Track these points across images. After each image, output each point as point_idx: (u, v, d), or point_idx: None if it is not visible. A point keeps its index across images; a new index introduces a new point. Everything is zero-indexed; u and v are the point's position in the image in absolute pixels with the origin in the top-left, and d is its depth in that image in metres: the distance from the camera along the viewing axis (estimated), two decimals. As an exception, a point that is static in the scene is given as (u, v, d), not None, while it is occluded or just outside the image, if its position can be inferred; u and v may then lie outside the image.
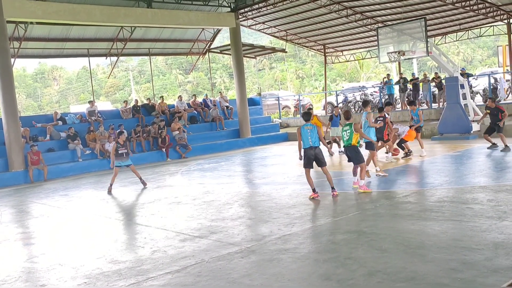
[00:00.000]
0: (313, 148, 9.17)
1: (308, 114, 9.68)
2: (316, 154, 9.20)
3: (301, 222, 7.53)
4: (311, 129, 9.19)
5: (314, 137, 9.16)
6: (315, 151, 9.19)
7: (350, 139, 9.63)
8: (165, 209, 9.78)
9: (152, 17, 19.89)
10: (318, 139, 9.22)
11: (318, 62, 58.75)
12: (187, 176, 14.73)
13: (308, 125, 9.28)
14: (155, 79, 58.30)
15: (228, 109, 24.50)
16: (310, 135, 9.16)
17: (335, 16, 23.76)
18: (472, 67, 54.45)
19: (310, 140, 9.15)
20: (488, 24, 23.21)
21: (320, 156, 9.24)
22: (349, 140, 9.66)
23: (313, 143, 9.16)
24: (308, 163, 9.31)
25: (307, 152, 9.22)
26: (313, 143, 9.16)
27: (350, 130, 9.60)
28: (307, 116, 9.57)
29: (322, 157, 9.29)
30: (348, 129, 9.66)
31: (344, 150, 9.92)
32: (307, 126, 9.27)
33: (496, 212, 7.03)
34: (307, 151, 9.22)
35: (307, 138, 9.17)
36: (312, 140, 9.15)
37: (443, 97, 20.10)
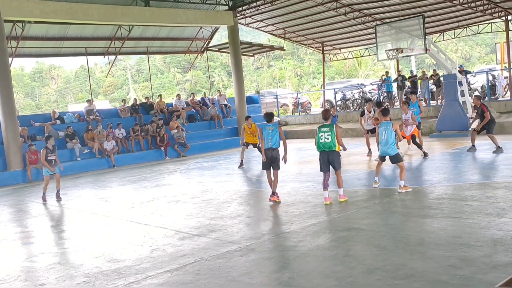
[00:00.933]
0: (271, 149, 9.10)
1: (270, 115, 9.49)
2: (273, 155, 9.11)
3: (300, 220, 7.53)
4: (273, 130, 9.12)
5: (275, 138, 9.09)
6: (272, 153, 9.11)
7: (332, 142, 8.43)
8: (164, 208, 9.78)
9: (150, 15, 19.86)
10: (279, 141, 9.10)
11: (316, 60, 58.73)
12: (186, 174, 14.73)
13: (269, 126, 9.20)
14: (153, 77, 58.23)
15: (227, 107, 24.48)
16: (271, 136, 9.09)
17: (333, 13, 23.75)
18: (470, 64, 54.47)
19: (270, 140, 9.08)
20: (486, 21, 23.22)
21: (275, 158, 9.12)
22: (331, 143, 8.43)
23: (273, 144, 9.08)
24: (266, 164, 9.22)
25: (266, 153, 9.13)
26: (273, 144, 9.09)
27: (331, 132, 8.41)
28: (269, 117, 9.40)
29: (278, 160, 9.17)
30: (328, 131, 8.44)
31: (323, 154, 8.62)
32: (268, 126, 9.19)
33: (494, 209, 7.04)
34: (267, 151, 9.12)
35: (268, 139, 9.10)
36: (273, 141, 9.09)
37: (441, 94, 20.12)
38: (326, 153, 8.51)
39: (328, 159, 8.52)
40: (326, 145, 8.45)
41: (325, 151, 8.51)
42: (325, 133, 8.44)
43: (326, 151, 8.49)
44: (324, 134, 8.46)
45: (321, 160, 8.64)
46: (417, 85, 22.17)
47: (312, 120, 25.15)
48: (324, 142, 8.45)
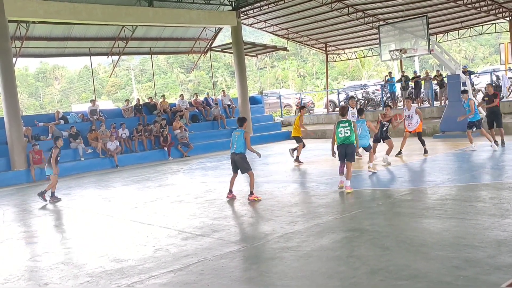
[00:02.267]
0: (234, 154, 9.48)
1: (241, 120, 9.73)
2: (235, 159, 9.49)
3: (303, 220, 7.52)
4: (239, 135, 9.38)
5: (238, 144, 9.36)
6: (235, 157, 9.47)
7: (351, 136, 9.34)
8: (167, 208, 9.79)
9: (153, 16, 19.89)
10: (243, 146, 9.37)
11: (319, 61, 58.69)
12: (189, 174, 14.74)
13: (237, 131, 9.50)
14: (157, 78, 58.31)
15: (230, 107, 24.49)
16: (236, 141, 9.40)
17: (336, 14, 23.73)
18: (474, 65, 54.33)
19: (234, 146, 9.43)
20: (490, 22, 23.16)
21: (239, 163, 9.48)
22: (350, 137, 9.34)
23: (236, 149, 9.42)
24: (232, 167, 9.71)
25: (231, 156, 9.60)
26: (236, 149, 9.42)
27: (350, 127, 9.34)
28: (240, 121, 9.67)
29: (241, 164, 9.50)
30: (347, 126, 9.36)
31: (341, 147, 9.45)
32: (236, 131, 9.52)
33: (498, 210, 7.02)
34: (231, 155, 9.59)
35: (232, 144, 9.49)
36: (237, 146, 9.41)
37: (444, 95, 20.08)
38: (344, 146, 9.36)
39: (345, 151, 9.37)
40: (346, 139, 9.33)
41: (343, 144, 9.38)
42: (344, 128, 9.34)
43: (345, 144, 9.36)
44: (343, 129, 9.34)
45: (339, 152, 9.55)
46: (421, 86, 22.13)
47: (316, 120, 25.12)
48: (344, 137, 9.33)
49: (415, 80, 22.39)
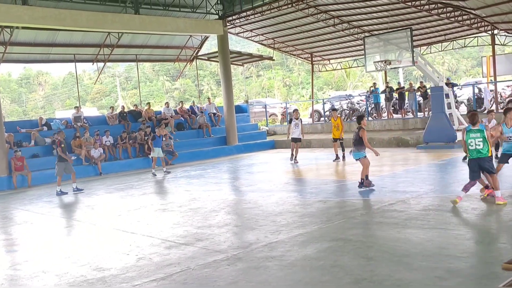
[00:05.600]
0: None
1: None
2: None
3: (288, 230, 7.52)
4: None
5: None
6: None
7: (485, 148, 7.92)
8: (151, 216, 9.71)
9: (139, 23, 19.83)
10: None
11: (305, 70, 59.05)
12: (174, 183, 14.66)
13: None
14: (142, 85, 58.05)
15: (216, 116, 24.47)
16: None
17: (322, 25, 23.93)
18: (457, 77, 55.13)
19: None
20: (472, 35, 23.55)
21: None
22: (484, 149, 7.91)
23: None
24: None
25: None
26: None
27: (482, 136, 7.90)
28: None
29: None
30: (478, 137, 7.91)
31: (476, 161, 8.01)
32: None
33: (480, 221, 7.11)
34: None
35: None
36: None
37: (428, 106, 20.32)
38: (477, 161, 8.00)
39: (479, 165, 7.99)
40: (479, 152, 7.92)
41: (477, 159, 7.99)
42: (475, 140, 7.89)
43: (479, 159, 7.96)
44: (474, 140, 7.90)
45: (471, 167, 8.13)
46: (405, 97, 22.38)
47: (301, 130, 25.16)
48: (476, 150, 7.93)
49: (399, 91, 22.63)
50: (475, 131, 7.94)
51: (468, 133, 8.00)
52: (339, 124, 15.99)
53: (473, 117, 8.12)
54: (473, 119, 8.08)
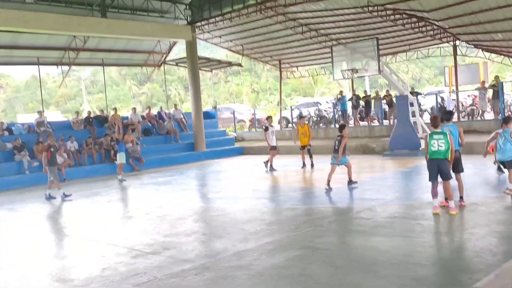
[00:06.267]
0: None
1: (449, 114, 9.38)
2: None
3: (256, 238, 7.51)
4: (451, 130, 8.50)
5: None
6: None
7: (447, 150, 8.10)
8: (117, 224, 9.54)
9: (106, 27, 19.52)
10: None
11: (273, 77, 59.32)
12: (140, 189, 14.45)
13: (449, 126, 8.72)
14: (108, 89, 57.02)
15: (183, 122, 24.29)
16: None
17: (290, 32, 24.10)
18: (420, 85, 56.47)
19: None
20: (435, 45, 24.18)
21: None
22: (445, 151, 8.09)
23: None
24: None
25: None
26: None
27: (445, 139, 8.11)
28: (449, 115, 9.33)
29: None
30: (441, 139, 8.10)
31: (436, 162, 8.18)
32: (448, 126, 8.71)
33: (443, 228, 7.27)
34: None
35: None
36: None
37: (393, 114, 20.71)
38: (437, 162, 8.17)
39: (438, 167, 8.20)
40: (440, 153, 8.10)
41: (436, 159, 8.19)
42: (438, 141, 8.06)
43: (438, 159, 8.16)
44: (437, 142, 8.08)
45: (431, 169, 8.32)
46: (371, 105, 22.76)
47: (269, 136, 25.24)
48: (438, 150, 8.09)
49: (366, 99, 23.01)
50: (438, 133, 8.21)
51: (431, 136, 8.23)
52: (306, 131, 16.08)
53: (435, 120, 8.52)
54: (435, 122, 8.44)
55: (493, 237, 6.58)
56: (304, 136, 15.96)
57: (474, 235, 6.74)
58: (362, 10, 19.24)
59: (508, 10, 16.68)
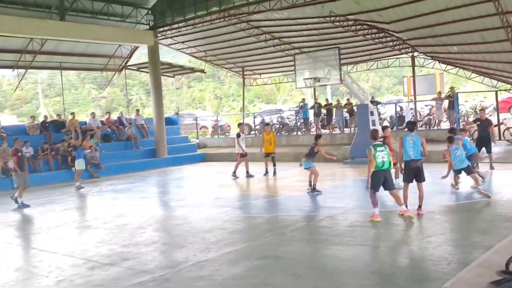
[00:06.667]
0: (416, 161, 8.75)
1: (413, 124, 9.66)
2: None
3: (218, 247, 7.43)
4: (415, 141, 8.76)
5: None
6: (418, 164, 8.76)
7: (390, 161, 8.60)
8: (73, 234, 9.26)
9: (65, 30, 19.04)
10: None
11: (236, 83, 59.39)
12: (99, 197, 14.10)
13: (412, 136, 8.89)
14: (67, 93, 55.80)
15: (144, 127, 23.91)
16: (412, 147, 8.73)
17: (254, 40, 24.19)
18: (380, 94, 57.74)
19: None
20: (394, 56, 24.78)
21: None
22: (389, 162, 8.55)
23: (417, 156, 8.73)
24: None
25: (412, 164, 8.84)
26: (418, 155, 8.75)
27: (386, 150, 8.57)
28: (413, 125, 9.54)
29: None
30: (383, 150, 8.52)
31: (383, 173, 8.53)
32: (411, 136, 8.88)
33: (403, 237, 7.40)
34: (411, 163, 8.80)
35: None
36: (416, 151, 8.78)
37: (354, 122, 21.07)
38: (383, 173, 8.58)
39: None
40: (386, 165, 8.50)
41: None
42: (381, 153, 8.44)
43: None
44: (381, 154, 8.44)
45: (378, 180, 8.57)
46: (332, 113, 23.07)
47: (232, 143, 25.17)
48: (382, 162, 8.46)
49: (327, 107, 23.32)
50: (380, 145, 8.57)
51: (375, 148, 8.49)
52: (271, 138, 16.06)
53: (373, 133, 8.99)
54: (374, 135, 8.88)
55: (449, 246, 6.74)
56: (269, 143, 15.93)
57: (431, 244, 6.88)
58: (324, 20, 19.52)
59: (463, 24, 17.31)
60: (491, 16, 16.13)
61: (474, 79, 23.02)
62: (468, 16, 16.80)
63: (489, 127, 14.07)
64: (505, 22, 15.98)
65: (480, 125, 14.08)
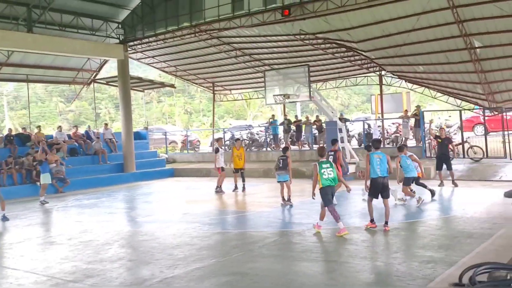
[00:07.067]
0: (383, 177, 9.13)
1: (379, 141, 10.17)
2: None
3: (185, 264, 7.35)
4: (381, 158, 9.11)
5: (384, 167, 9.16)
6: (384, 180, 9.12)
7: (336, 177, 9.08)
8: (36, 250, 9.01)
9: (32, 42, 18.72)
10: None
11: (206, 98, 59.36)
12: (64, 212, 13.78)
13: (378, 153, 9.27)
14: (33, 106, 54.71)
15: (112, 142, 23.58)
16: (379, 164, 9.02)
17: (224, 56, 24.33)
18: (349, 111, 58.71)
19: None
20: (363, 74, 25.32)
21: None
22: (335, 178, 9.05)
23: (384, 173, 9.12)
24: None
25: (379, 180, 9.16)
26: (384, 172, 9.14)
27: (332, 167, 9.01)
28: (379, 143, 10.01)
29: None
30: (329, 167, 8.96)
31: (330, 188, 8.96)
32: (377, 154, 9.24)
33: (369, 253, 7.49)
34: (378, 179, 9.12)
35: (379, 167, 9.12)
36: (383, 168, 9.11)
37: (323, 139, 21.30)
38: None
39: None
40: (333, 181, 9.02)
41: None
42: (327, 169, 8.90)
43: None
44: (326, 170, 8.89)
45: (328, 194, 8.98)
46: (302, 129, 23.29)
47: (201, 158, 25.12)
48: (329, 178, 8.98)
49: (297, 124, 23.53)
50: (325, 162, 9.00)
51: (320, 164, 8.90)
52: (242, 154, 16.04)
53: (321, 150, 9.51)
54: (321, 152, 9.35)
55: (414, 261, 6.85)
56: (239, 158, 15.90)
57: (396, 260, 7.00)
58: (294, 38, 19.84)
59: (428, 44, 17.88)
60: (455, 37, 16.74)
61: (439, 98, 23.71)
62: (433, 37, 17.40)
63: (449, 145, 14.58)
64: (469, 44, 16.61)
65: (441, 143, 14.59)
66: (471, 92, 20.62)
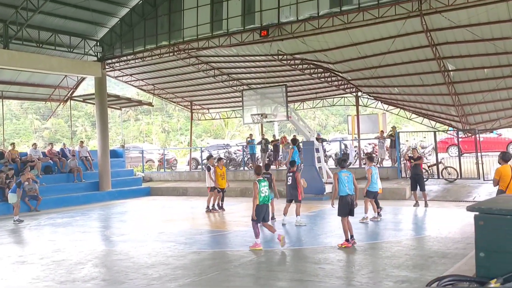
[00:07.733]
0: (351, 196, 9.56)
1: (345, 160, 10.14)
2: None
3: (159, 283, 7.26)
4: (348, 176, 9.51)
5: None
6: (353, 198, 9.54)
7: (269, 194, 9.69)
8: (7, 270, 8.78)
9: (8, 58, 18.49)
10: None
11: (184, 117, 59.24)
12: (36, 231, 13.48)
13: (345, 172, 9.60)
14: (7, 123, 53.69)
15: (88, 160, 23.28)
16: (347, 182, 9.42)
17: (202, 75, 24.40)
18: (326, 132, 59.24)
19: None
20: (340, 95, 25.65)
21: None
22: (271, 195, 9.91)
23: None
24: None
25: (348, 198, 9.56)
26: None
27: (268, 185, 9.61)
28: (345, 162, 10.12)
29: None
30: (266, 185, 9.55)
31: (266, 206, 9.59)
32: (344, 172, 9.59)
33: (344, 272, 7.52)
34: (348, 197, 9.51)
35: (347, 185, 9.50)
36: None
37: (300, 159, 21.40)
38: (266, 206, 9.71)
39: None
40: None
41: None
42: (265, 187, 9.48)
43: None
44: (264, 188, 9.45)
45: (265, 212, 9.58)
46: (279, 149, 23.39)
47: (178, 177, 24.97)
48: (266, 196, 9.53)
49: (274, 143, 23.64)
50: (263, 181, 9.54)
51: (259, 183, 9.40)
52: (224, 173, 15.93)
53: (257, 169, 10.06)
54: (257, 171, 9.94)
55: (389, 281, 6.90)
56: (222, 178, 15.81)
57: (372, 279, 7.03)
58: (272, 58, 20.05)
59: (403, 67, 18.30)
60: (429, 60, 17.19)
61: (414, 119, 24.16)
62: (408, 60, 17.82)
63: (421, 164, 14.88)
64: (442, 67, 17.06)
65: (414, 164, 14.84)
66: (445, 114, 21.09)
